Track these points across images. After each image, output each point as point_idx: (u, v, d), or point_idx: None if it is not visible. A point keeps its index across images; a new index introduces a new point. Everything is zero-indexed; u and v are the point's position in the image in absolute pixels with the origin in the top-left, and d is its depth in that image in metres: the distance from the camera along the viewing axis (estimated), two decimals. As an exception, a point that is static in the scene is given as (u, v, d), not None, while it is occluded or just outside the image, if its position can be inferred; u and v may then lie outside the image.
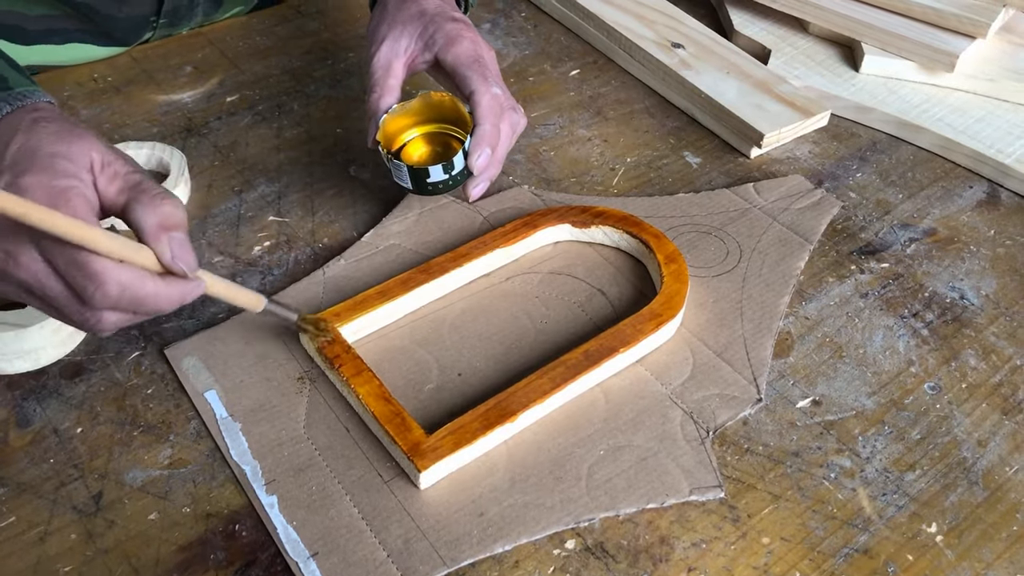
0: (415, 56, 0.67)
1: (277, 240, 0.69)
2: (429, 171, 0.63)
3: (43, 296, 0.45)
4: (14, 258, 0.44)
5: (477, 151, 0.62)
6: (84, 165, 0.46)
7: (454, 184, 0.65)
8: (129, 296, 0.45)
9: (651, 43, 0.87)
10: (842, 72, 0.88)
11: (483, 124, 0.63)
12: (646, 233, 0.66)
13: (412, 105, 0.67)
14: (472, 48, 0.65)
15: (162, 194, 0.46)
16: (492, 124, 0.63)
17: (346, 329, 0.59)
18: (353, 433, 0.55)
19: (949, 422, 0.59)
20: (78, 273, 0.44)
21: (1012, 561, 0.52)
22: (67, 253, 0.43)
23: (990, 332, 0.65)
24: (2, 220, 0.44)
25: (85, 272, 0.43)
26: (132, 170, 0.47)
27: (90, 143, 0.46)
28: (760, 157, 0.79)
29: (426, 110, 0.68)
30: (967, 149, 0.79)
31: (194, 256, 0.47)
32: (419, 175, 0.63)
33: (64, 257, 0.44)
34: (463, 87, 0.64)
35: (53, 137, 0.46)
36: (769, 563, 0.51)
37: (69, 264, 0.44)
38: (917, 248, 0.71)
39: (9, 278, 0.45)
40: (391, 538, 0.50)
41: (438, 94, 0.67)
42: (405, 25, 0.67)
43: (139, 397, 0.57)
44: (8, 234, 0.44)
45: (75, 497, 0.52)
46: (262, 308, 0.55)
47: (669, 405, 0.58)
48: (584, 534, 0.52)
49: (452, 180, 0.64)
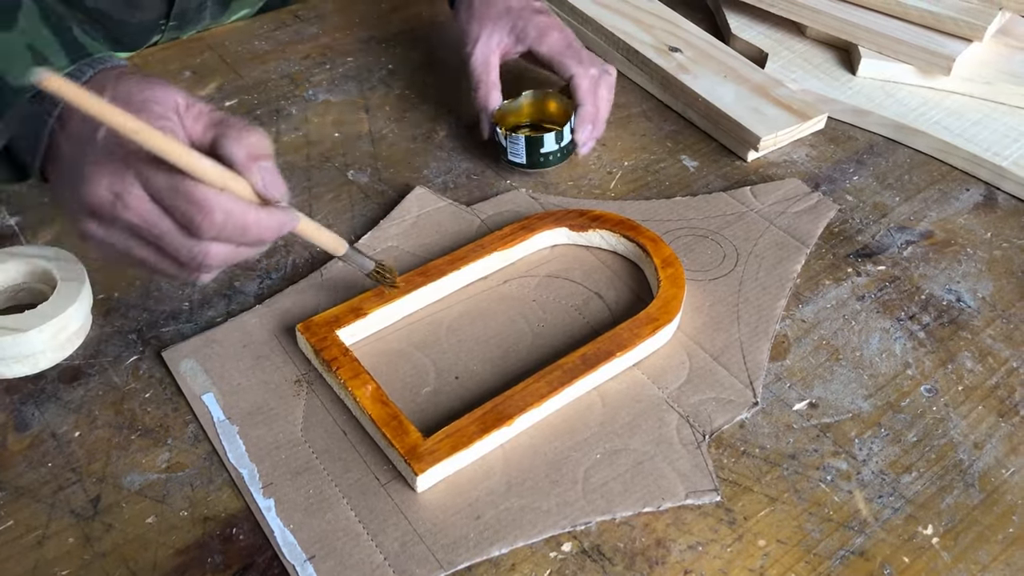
0: (507, 49, 0.77)
1: (275, 244, 0.69)
2: (544, 140, 0.73)
3: (150, 235, 0.47)
4: (122, 200, 0.46)
5: (582, 127, 0.73)
6: (171, 107, 0.48)
7: (561, 157, 0.75)
8: (232, 224, 0.46)
9: (649, 47, 0.88)
10: (839, 75, 0.88)
11: (585, 104, 0.73)
12: (643, 237, 0.66)
13: (521, 104, 0.78)
14: (562, 37, 0.75)
15: (247, 126, 0.48)
16: (592, 103, 0.73)
17: (343, 332, 0.59)
18: (350, 436, 0.56)
19: (945, 424, 0.59)
20: (184, 203, 0.45)
21: (1008, 563, 0.52)
22: (173, 183, 0.45)
23: (986, 335, 0.65)
24: (109, 162, 0.46)
25: (191, 200, 0.45)
26: (213, 108, 0.50)
27: (173, 89, 0.49)
28: (757, 160, 0.80)
29: (533, 109, 0.79)
30: (964, 152, 0.79)
31: (284, 184, 0.49)
32: (534, 145, 0.73)
33: (170, 188, 0.45)
34: (562, 72, 0.74)
35: (140, 85, 0.48)
36: (765, 566, 0.51)
37: (176, 195, 0.45)
38: (914, 251, 0.71)
39: (118, 221, 0.47)
40: (388, 541, 0.51)
41: (549, 95, 0.78)
42: (495, 22, 0.76)
43: (137, 401, 0.58)
44: (115, 176, 0.46)
45: (73, 501, 0.52)
46: (343, 252, 0.57)
47: (665, 409, 0.58)
48: (580, 537, 0.52)
49: (560, 152, 0.74)
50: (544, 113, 0.79)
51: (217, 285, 0.65)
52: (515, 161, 0.74)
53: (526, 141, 0.73)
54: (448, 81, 0.87)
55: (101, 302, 0.64)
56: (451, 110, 0.84)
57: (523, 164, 0.74)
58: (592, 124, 0.74)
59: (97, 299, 0.63)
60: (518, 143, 0.73)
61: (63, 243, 0.67)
